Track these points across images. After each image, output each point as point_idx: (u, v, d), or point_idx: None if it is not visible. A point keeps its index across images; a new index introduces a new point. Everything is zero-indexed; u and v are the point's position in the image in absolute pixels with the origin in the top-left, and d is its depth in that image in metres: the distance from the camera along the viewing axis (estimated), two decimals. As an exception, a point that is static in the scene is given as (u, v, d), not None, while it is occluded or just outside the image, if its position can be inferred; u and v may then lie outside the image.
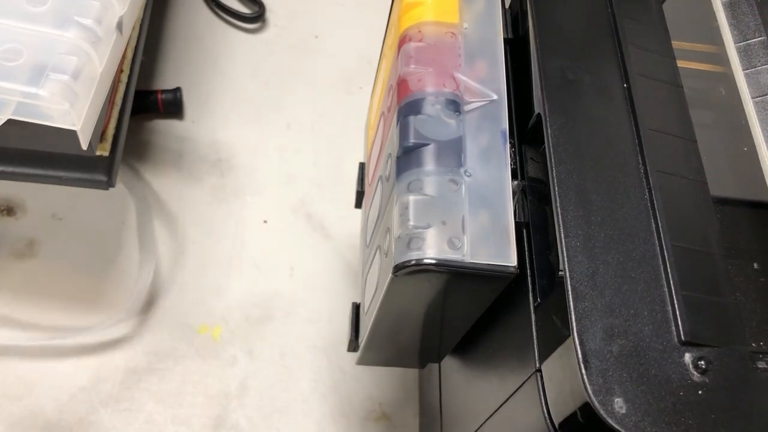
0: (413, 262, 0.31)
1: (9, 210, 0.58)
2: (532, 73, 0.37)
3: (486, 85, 0.35)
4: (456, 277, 0.32)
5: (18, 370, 0.55)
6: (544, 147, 0.34)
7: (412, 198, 0.31)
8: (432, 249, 0.30)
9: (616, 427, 0.26)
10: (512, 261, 0.32)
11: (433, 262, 0.31)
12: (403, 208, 0.32)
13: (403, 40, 0.36)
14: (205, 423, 0.56)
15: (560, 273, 0.30)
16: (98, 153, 0.47)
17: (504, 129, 0.34)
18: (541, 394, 0.31)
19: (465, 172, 0.32)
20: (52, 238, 0.58)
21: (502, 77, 0.34)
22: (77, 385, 0.55)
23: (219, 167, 0.68)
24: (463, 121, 0.34)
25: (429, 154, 0.32)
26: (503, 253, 0.31)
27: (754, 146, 0.37)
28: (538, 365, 0.32)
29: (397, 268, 0.31)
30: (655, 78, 0.37)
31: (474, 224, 0.31)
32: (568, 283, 0.29)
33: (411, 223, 0.31)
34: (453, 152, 0.32)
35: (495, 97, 0.34)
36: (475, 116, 0.34)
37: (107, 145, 0.47)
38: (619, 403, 0.27)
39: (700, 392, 0.27)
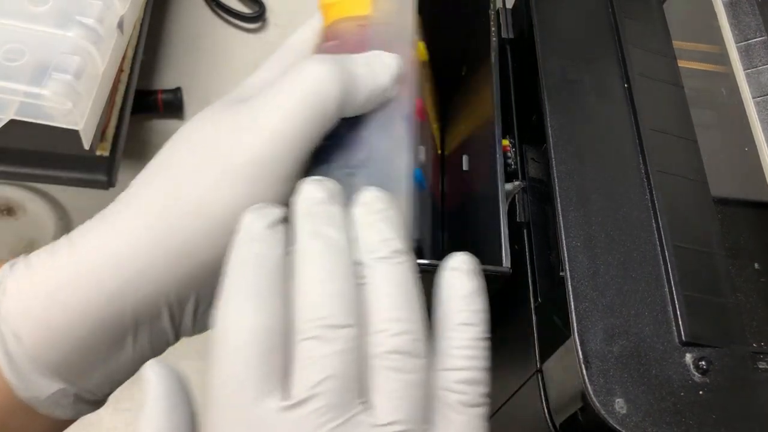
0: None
1: (9, 210, 0.58)
2: (534, 73, 0.37)
3: None
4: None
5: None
6: (545, 147, 0.34)
7: None
8: None
9: (617, 427, 0.26)
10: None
11: (428, 262, 0.31)
12: None
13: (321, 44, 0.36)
14: (205, 423, 0.56)
15: (561, 273, 0.30)
16: (98, 153, 0.47)
17: (408, 113, 0.32)
18: (542, 394, 0.31)
19: (366, 163, 0.31)
20: (52, 238, 0.58)
21: (408, 61, 0.33)
22: (78, 384, 0.55)
23: (219, 167, 0.68)
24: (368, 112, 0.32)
25: (334, 149, 0.32)
26: None
27: (755, 146, 0.37)
28: (538, 365, 0.32)
29: None
30: (655, 78, 0.37)
31: None
32: (569, 283, 0.29)
33: None
34: (354, 145, 0.31)
35: (396, 90, 0.33)
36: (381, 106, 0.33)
37: (107, 145, 0.47)
38: (620, 404, 0.27)
39: (700, 392, 0.27)
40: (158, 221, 0.27)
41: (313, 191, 0.26)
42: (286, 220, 0.26)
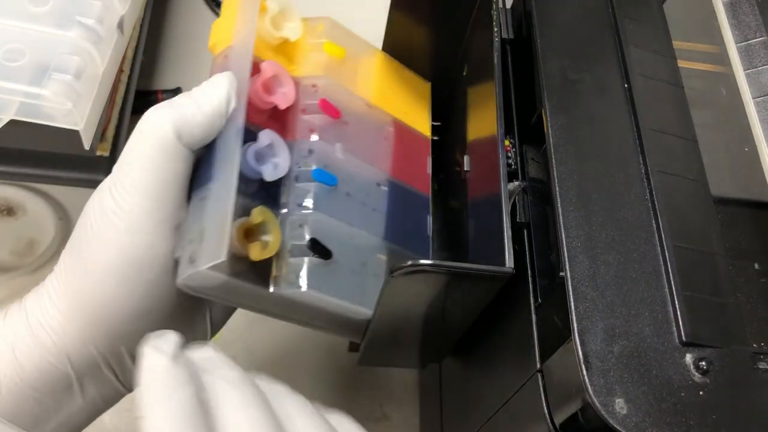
0: (409, 263, 0.31)
1: (9, 210, 0.58)
2: (534, 73, 0.37)
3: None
4: (454, 277, 0.32)
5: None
6: (545, 147, 0.34)
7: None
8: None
9: (617, 427, 0.26)
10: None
11: (430, 263, 0.31)
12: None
13: None
14: (205, 423, 0.55)
15: (561, 274, 0.30)
16: (98, 153, 0.47)
17: (239, 127, 0.32)
18: (543, 394, 0.31)
19: (210, 185, 0.32)
20: (52, 238, 0.58)
21: (245, 83, 0.34)
22: (78, 385, 0.54)
23: (219, 167, 0.68)
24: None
25: (195, 177, 0.33)
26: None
27: (755, 146, 0.37)
28: (539, 366, 0.32)
29: (393, 270, 0.31)
30: (655, 78, 0.37)
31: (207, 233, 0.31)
32: (569, 283, 0.29)
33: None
34: (206, 168, 0.33)
35: (233, 104, 0.34)
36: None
37: (107, 145, 0.47)
38: (620, 404, 0.27)
39: (701, 393, 0.27)
40: (69, 286, 0.31)
41: (154, 366, 0.25)
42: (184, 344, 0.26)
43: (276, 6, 0.38)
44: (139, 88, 0.52)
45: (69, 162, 0.46)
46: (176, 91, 0.67)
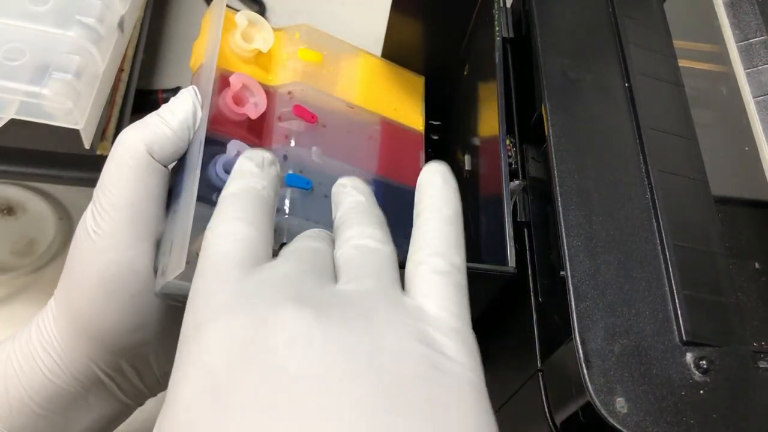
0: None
1: (9, 210, 0.58)
2: (534, 72, 0.37)
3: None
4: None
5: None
6: (546, 146, 0.34)
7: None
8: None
9: (618, 426, 0.26)
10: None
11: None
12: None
13: None
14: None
15: (562, 273, 0.30)
16: (99, 152, 0.47)
17: (201, 139, 0.33)
18: (543, 393, 0.31)
19: (178, 199, 0.33)
20: (53, 237, 0.58)
21: (207, 96, 0.35)
22: (78, 384, 0.54)
23: (219, 167, 0.68)
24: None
25: (173, 188, 0.34)
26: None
27: (756, 145, 0.37)
28: (539, 365, 0.32)
29: None
30: (656, 77, 0.37)
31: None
32: (570, 283, 0.29)
33: None
34: (179, 182, 0.34)
35: (200, 114, 0.35)
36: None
37: (108, 144, 0.47)
38: (620, 403, 0.27)
39: (701, 392, 0.27)
40: (65, 305, 0.33)
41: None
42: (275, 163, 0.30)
43: (245, 20, 0.39)
44: (139, 88, 0.52)
45: (69, 161, 0.46)
46: (176, 91, 0.67)
